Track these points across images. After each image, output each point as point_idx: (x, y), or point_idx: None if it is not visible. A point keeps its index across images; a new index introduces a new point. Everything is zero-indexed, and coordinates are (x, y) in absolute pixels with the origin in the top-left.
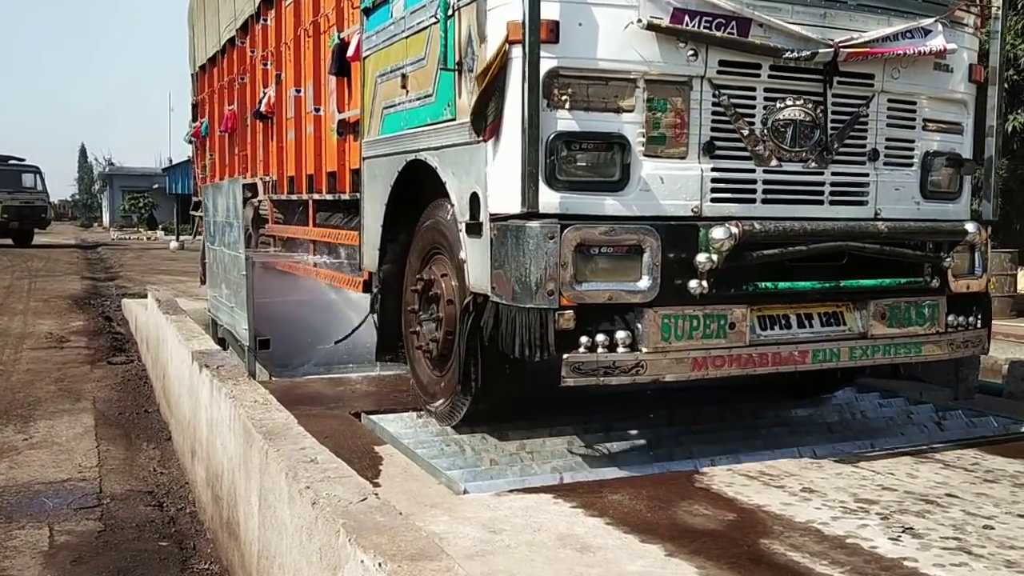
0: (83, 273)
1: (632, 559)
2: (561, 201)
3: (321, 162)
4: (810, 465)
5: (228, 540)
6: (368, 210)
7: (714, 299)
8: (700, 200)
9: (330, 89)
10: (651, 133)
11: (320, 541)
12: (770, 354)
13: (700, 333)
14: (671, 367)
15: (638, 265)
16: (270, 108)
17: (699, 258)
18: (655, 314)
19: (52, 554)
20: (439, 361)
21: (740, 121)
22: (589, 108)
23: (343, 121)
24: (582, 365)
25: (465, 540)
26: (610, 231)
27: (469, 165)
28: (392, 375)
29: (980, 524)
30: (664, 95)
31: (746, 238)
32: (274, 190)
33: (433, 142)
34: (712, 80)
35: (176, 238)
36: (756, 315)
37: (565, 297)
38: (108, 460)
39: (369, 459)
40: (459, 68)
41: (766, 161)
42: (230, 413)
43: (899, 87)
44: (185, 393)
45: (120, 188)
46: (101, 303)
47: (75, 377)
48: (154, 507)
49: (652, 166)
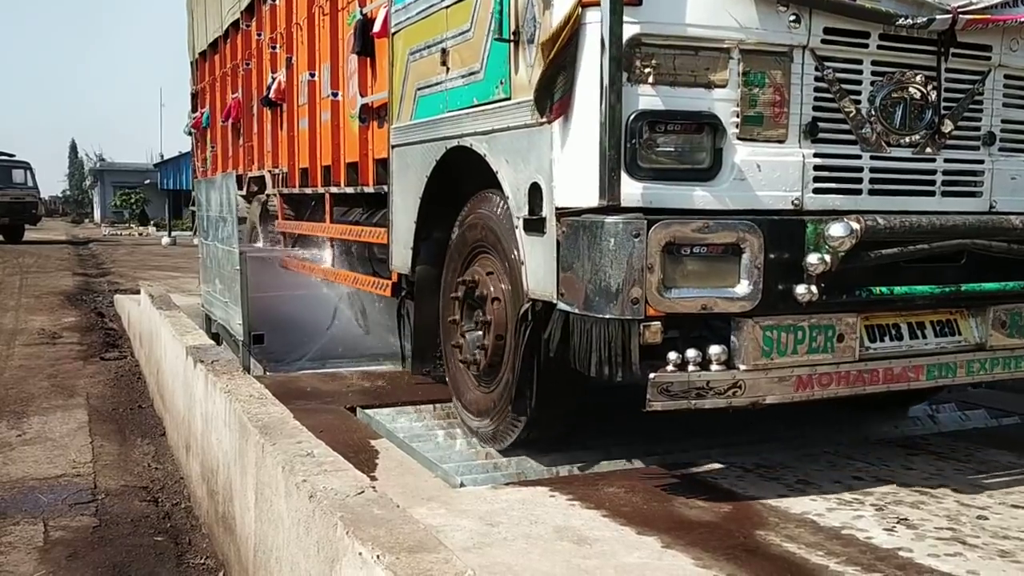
0: (75, 269)
1: (629, 551)
2: (643, 192)
3: (339, 152)
4: (805, 457)
5: (224, 534)
6: (398, 204)
7: (820, 307)
8: (801, 191)
9: (350, 71)
10: (746, 112)
11: (318, 534)
12: (881, 370)
13: (805, 347)
14: (773, 387)
15: (735, 268)
16: (280, 94)
17: (810, 259)
18: (755, 325)
19: (47, 550)
20: (485, 375)
21: (845, 99)
22: (676, 83)
23: (366, 106)
24: (671, 386)
25: (462, 533)
26: (705, 227)
27: (528, 151)
28: (387, 370)
29: (974, 515)
30: (762, 67)
31: (867, 235)
32: (284, 183)
33: (481, 125)
34: (815, 51)
35: (168, 234)
36: (864, 325)
37: (652, 306)
38: (102, 456)
39: (365, 453)
40: (515, 39)
41: (873, 146)
42: (225, 408)
43: (1018, 61)
44: (179, 388)
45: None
46: (93, 299)
47: (68, 373)
48: (149, 502)
49: (747, 151)
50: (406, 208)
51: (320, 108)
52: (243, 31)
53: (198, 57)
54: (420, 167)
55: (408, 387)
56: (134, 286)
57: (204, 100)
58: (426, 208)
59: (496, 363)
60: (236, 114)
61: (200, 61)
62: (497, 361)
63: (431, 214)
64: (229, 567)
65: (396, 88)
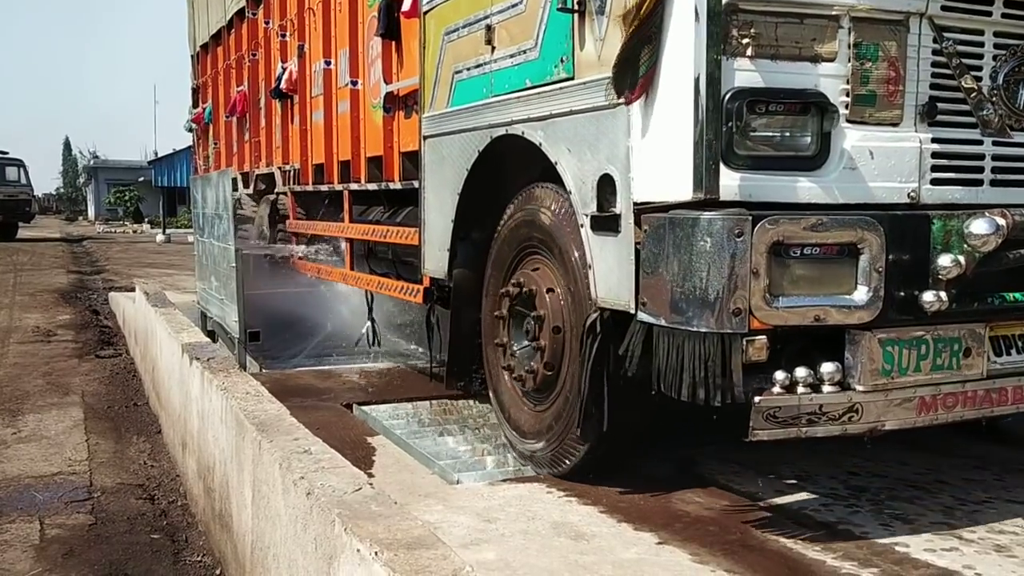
0: (69, 267)
1: (626, 546)
2: (741, 184)
3: (359, 145)
4: (802, 453)
5: (220, 532)
6: (431, 201)
7: (944, 317)
8: (918, 181)
9: (372, 57)
10: (858, 90)
11: (315, 531)
12: (1010, 389)
13: (929, 364)
14: (893, 411)
15: (852, 272)
16: (291, 85)
17: (942, 261)
18: (874, 339)
19: (43, 547)
20: (539, 392)
21: (965, 76)
22: (777, 56)
23: (391, 94)
24: (778, 411)
25: (460, 529)
26: (819, 225)
27: (598, 138)
28: (383, 367)
29: (970, 509)
30: (875, 38)
31: (1014, 233)
32: (296, 180)
33: (536, 110)
34: (934, 19)
35: (163, 231)
36: (990, 336)
37: (757, 318)
38: (98, 453)
39: (362, 450)
40: (580, 9)
41: (995, 129)
42: (222, 405)
43: None
44: (175, 386)
45: (105, 181)
46: (88, 296)
47: (63, 371)
48: (145, 500)
49: (858, 135)
50: (441, 205)
51: (337, 98)
52: (249, 20)
53: (199, 50)
54: (458, 159)
55: (404, 384)
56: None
57: (206, 95)
58: (465, 205)
59: (552, 379)
60: (242, 108)
61: (202, 54)
62: (553, 377)
63: (470, 212)
64: (226, 564)
65: (429, 73)
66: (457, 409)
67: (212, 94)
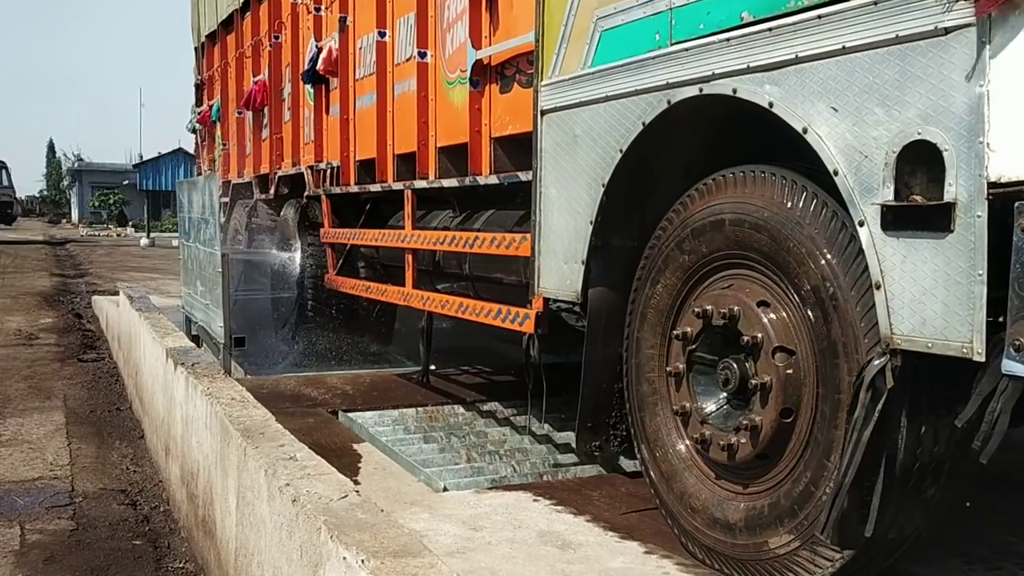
0: (52, 270)
1: (613, 556)
2: None
3: (427, 133)
4: None
5: (204, 538)
6: (555, 197)
7: None
8: None
9: (450, 18)
10: None
11: (301, 538)
12: None
13: None
14: None
15: None
16: (330, 65)
17: None
18: None
19: (24, 553)
20: (747, 465)
21: None
22: None
23: (480, 64)
24: None
25: (446, 537)
26: None
27: (903, 84)
28: (369, 373)
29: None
30: None
31: None
32: (335, 181)
33: (763, 55)
34: None
35: (147, 235)
36: None
37: None
38: (80, 458)
39: (348, 456)
40: None
41: None
42: (206, 411)
43: None
44: (159, 391)
45: (89, 184)
46: (71, 300)
47: (45, 375)
48: (127, 506)
49: None
50: (571, 203)
51: (393, 78)
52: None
53: (205, 40)
54: (606, 137)
55: (390, 391)
56: (112, 287)
57: (213, 90)
58: (608, 202)
59: (774, 451)
60: (261, 100)
61: (208, 45)
62: (778, 448)
63: (609, 212)
64: (209, 571)
65: (553, 23)
66: (443, 416)
67: (221, 88)
